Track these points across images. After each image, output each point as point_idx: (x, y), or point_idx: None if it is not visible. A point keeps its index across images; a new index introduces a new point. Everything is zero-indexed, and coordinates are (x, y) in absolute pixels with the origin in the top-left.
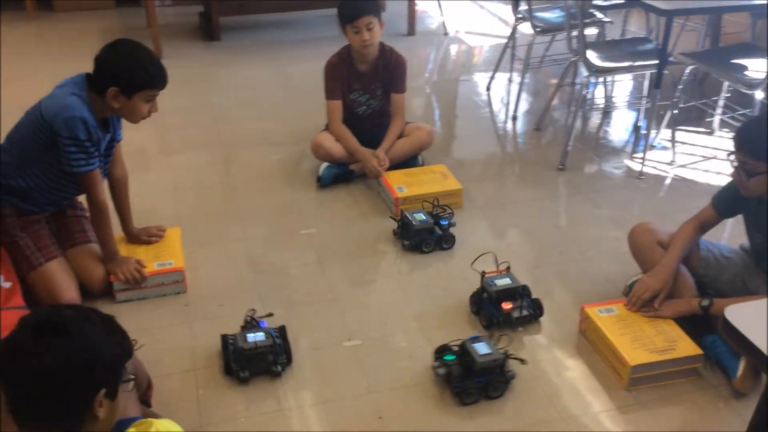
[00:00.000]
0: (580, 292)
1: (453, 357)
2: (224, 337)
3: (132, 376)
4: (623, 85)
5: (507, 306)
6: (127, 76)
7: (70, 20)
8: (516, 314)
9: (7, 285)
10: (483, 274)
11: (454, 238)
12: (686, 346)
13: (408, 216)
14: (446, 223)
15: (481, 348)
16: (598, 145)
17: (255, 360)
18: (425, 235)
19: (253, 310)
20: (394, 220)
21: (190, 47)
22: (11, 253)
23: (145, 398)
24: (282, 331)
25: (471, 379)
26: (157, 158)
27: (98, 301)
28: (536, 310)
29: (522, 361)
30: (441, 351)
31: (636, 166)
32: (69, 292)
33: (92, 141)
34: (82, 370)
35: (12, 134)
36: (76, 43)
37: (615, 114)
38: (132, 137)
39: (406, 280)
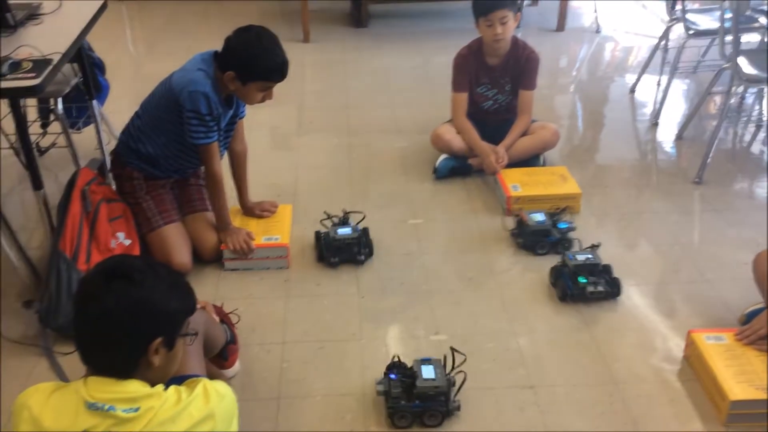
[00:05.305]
0: (692, 316)
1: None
2: (317, 233)
3: (193, 332)
4: None
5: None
6: (244, 65)
7: (237, 1)
8: (591, 289)
9: (127, 242)
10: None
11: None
12: None
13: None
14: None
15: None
16: (745, 161)
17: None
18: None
19: (344, 210)
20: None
21: (337, 33)
22: (135, 213)
23: (224, 353)
24: (365, 230)
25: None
26: (287, 137)
27: (208, 267)
28: (613, 288)
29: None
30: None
31: None
32: (181, 255)
33: (213, 116)
34: (141, 316)
35: (145, 102)
36: (235, 24)
37: None
38: (267, 114)
39: (506, 281)
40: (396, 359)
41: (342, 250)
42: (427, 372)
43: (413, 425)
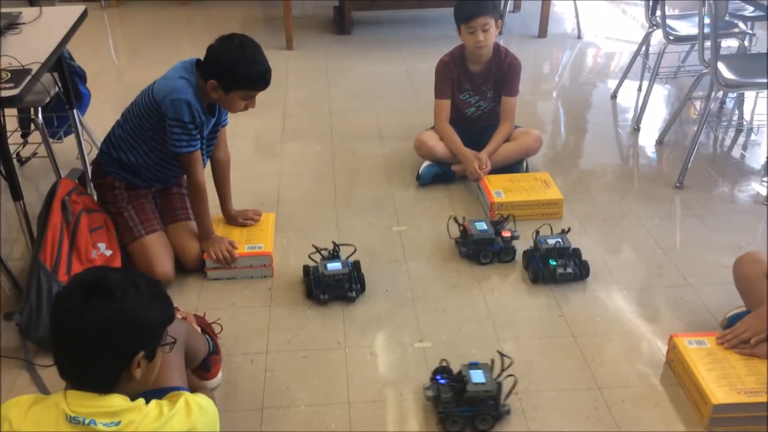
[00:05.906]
0: (674, 320)
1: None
2: (306, 267)
3: (172, 340)
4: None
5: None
6: (226, 73)
7: (220, 7)
8: (561, 270)
9: (108, 253)
10: (536, 232)
11: None
12: None
13: None
14: None
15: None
16: (725, 165)
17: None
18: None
19: (334, 242)
20: None
21: (321, 39)
22: (116, 223)
23: (207, 364)
24: (356, 263)
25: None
26: (270, 144)
27: (191, 277)
28: (581, 270)
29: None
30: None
31: (764, 190)
32: (163, 265)
33: (195, 124)
34: (123, 331)
35: (127, 111)
36: (218, 31)
37: (752, 134)
38: (250, 122)
39: (489, 288)
40: (444, 364)
41: (332, 286)
42: (477, 376)
43: (465, 429)
